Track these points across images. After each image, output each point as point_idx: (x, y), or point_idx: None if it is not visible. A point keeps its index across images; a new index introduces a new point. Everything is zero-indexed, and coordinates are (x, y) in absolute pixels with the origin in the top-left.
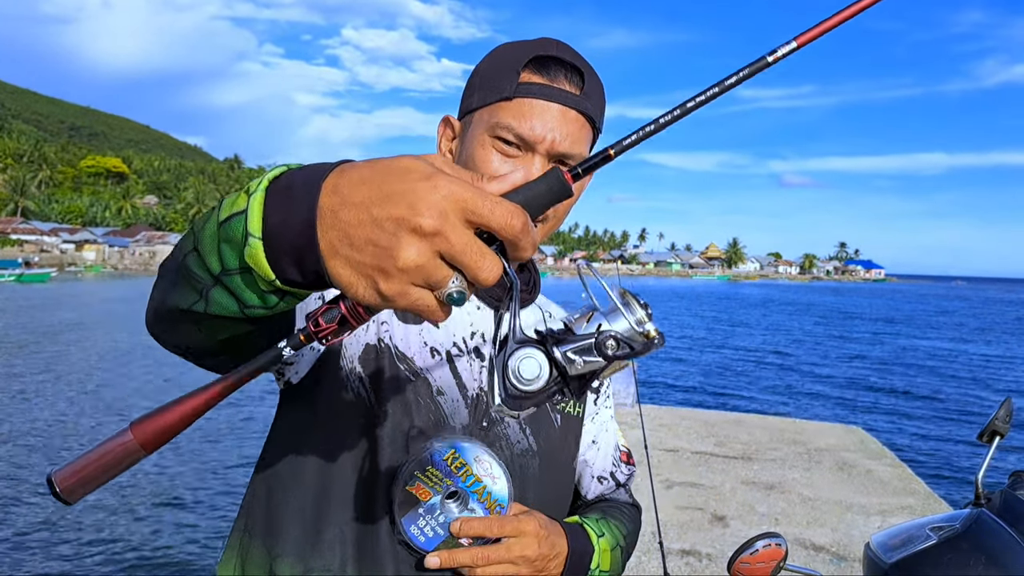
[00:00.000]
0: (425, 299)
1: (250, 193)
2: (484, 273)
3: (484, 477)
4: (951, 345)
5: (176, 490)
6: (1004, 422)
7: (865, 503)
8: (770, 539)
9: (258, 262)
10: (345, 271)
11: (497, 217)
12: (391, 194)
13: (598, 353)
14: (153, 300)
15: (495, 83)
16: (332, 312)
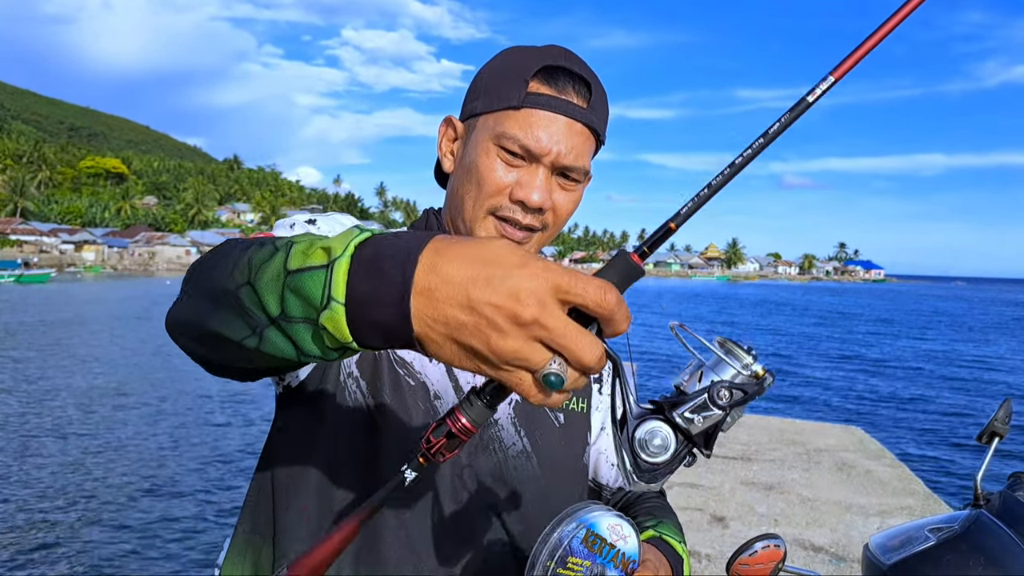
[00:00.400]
0: (525, 380)
1: (332, 254)
2: (585, 353)
3: (617, 542)
4: (950, 346)
5: (173, 486)
6: (1003, 423)
7: (864, 503)
8: (769, 540)
9: (338, 326)
10: (446, 348)
11: (591, 294)
12: (491, 278)
13: (714, 406)
14: (184, 313)
15: (502, 90)
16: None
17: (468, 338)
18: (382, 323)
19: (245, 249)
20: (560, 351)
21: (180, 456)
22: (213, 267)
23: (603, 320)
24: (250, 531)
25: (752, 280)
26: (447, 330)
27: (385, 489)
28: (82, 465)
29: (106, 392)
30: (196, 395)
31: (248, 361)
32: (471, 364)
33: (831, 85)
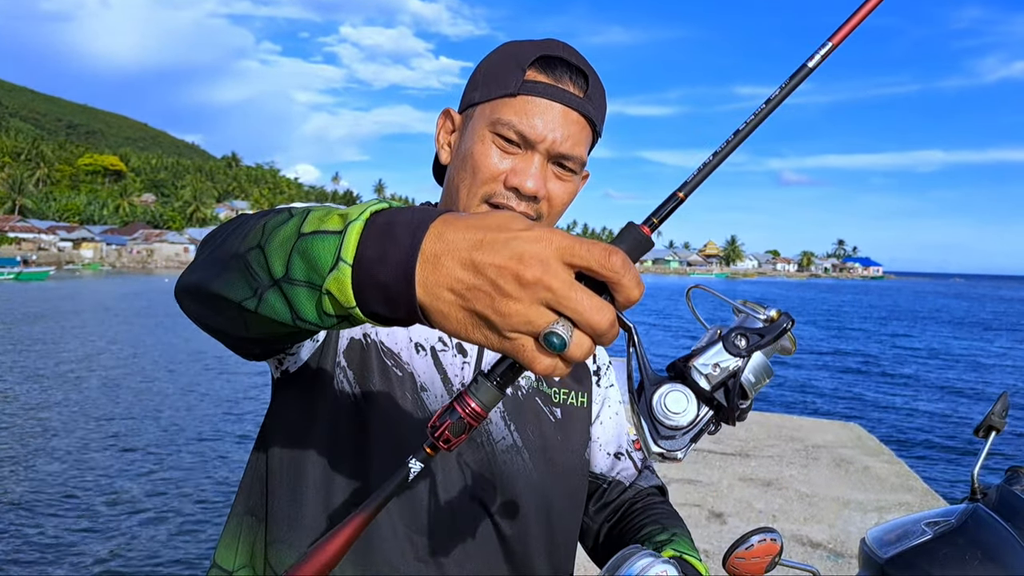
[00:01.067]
0: (528, 346)
1: (347, 219)
2: (592, 314)
3: None
4: (948, 341)
5: (166, 477)
6: (1000, 417)
7: (862, 499)
8: (765, 534)
9: (343, 288)
10: (451, 317)
11: (596, 255)
12: (494, 242)
13: (730, 353)
14: (193, 276)
15: (499, 79)
16: (456, 425)
17: (473, 302)
18: (386, 284)
19: (262, 217)
20: (566, 313)
21: (179, 448)
22: (229, 235)
23: (611, 284)
24: (243, 513)
25: (751, 277)
26: (453, 296)
27: (391, 482)
28: (80, 459)
29: (110, 385)
30: (197, 390)
31: (244, 327)
32: (477, 333)
33: (830, 51)
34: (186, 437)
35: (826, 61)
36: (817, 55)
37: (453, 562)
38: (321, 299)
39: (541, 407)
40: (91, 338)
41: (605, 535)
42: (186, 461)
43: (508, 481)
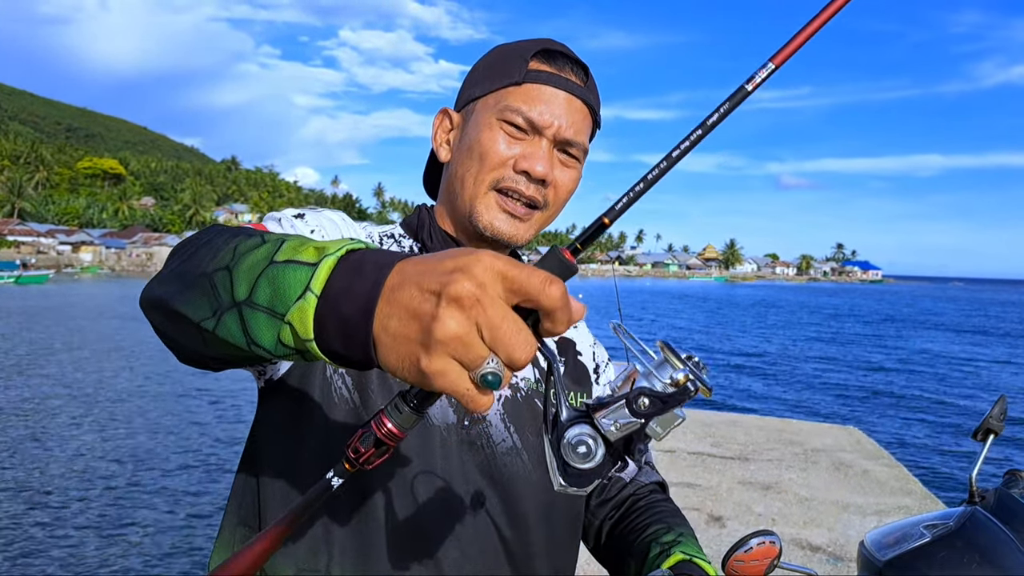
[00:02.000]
0: (463, 381)
1: (323, 252)
2: (518, 351)
3: None
4: (946, 345)
5: (158, 483)
6: (998, 420)
7: (862, 503)
8: (764, 537)
9: (304, 317)
10: (393, 350)
11: (535, 283)
12: (438, 268)
13: (632, 414)
14: (158, 291)
15: (503, 71)
16: (367, 438)
17: (413, 327)
18: (346, 318)
19: (233, 237)
20: (494, 345)
21: (172, 456)
22: (198, 250)
23: (545, 313)
24: (236, 524)
25: (750, 281)
26: (397, 324)
27: (308, 496)
28: (72, 465)
29: (105, 390)
30: (190, 396)
31: (203, 345)
32: (409, 361)
33: (771, 72)
34: (179, 444)
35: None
36: (757, 77)
37: (453, 564)
38: (281, 328)
39: (535, 407)
40: (88, 342)
41: (607, 533)
42: (182, 468)
43: (508, 483)
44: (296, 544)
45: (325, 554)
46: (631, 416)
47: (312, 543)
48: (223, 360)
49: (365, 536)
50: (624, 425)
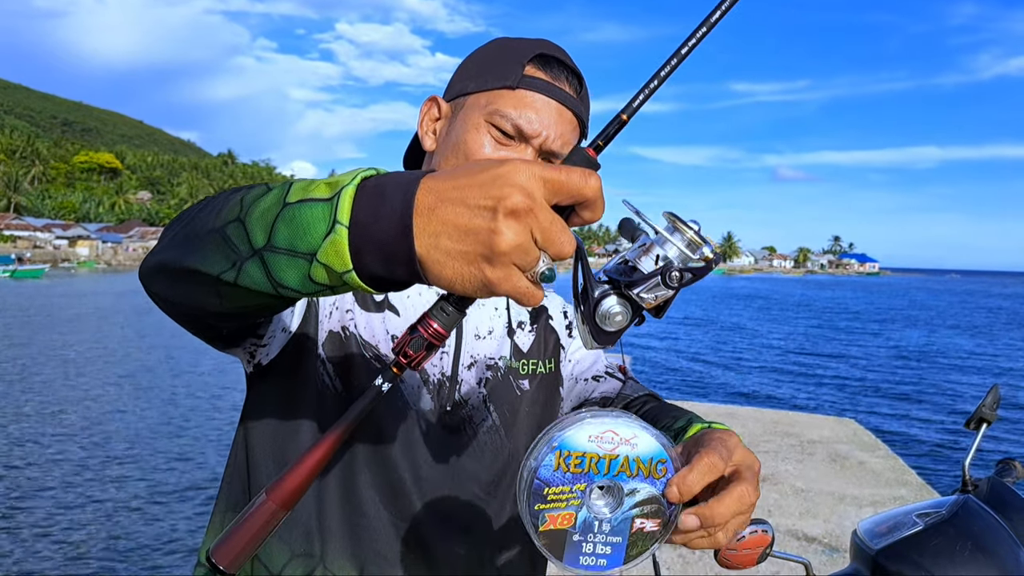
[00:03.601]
0: (523, 281)
1: (336, 186)
2: (566, 247)
3: (618, 450)
4: (942, 337)
5: (150, 475)
6: (991, 409)
7: (858, 494)
8: (756, 526)
9: (339, 249)
10: (448, 266)
11: (575, 180)
12: (481, 182)
13: (666, 287)
14: (164, 255)
15: (498, 71)
16: (416, 340)
17: (471, 242)
18: (383, 241)
19: (233, 193)
20: (545, 245)
21: (166, 442)
22: (198, 213)
23: (586, 204)
24: (226, 509)
25: (747, 273)
26: (450, 242)
27: (361, 401)
28: (64, 453)
29: (98, 384)
30: (187, 389)
31: (217, 300)
32: (473, 280)
33: None
34: (172, 430)
35: None
36: None
37: (440, 545)
38: (312, 267)
39: (512, 383)
40: (85, 334)
41: None
42: (176, 455)
43: (489, 459)
44: (290, 530)
45: (318, 539)
46: (666, 288)
47: (306, 529)
48: (238, 315)
49: (355, 521)
50: (660, 296)
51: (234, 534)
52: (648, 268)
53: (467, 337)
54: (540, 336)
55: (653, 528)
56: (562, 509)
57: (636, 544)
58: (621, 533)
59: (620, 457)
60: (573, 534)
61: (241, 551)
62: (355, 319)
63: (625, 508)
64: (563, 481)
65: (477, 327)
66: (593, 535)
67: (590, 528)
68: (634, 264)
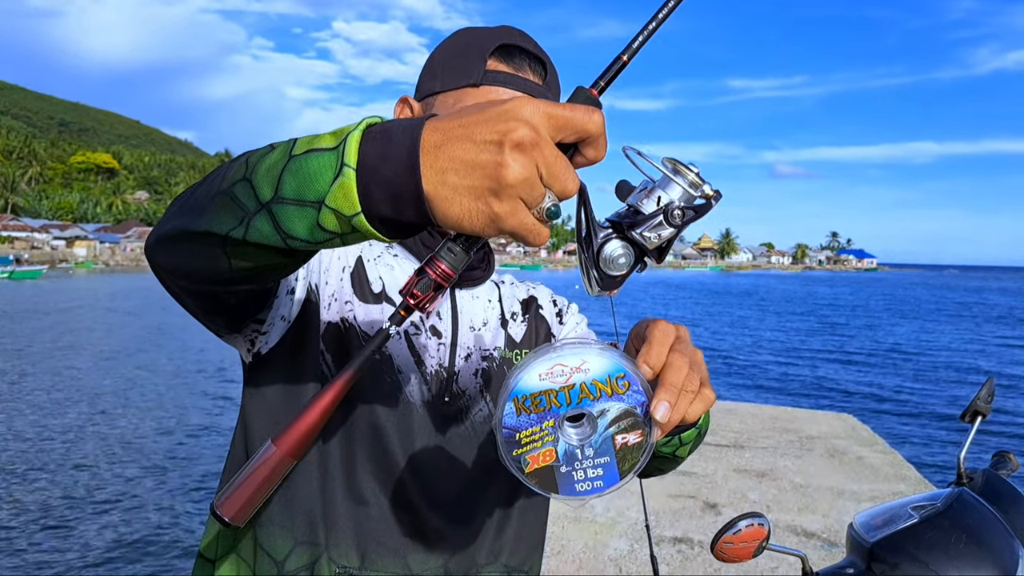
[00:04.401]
0: (529, 217)
1: (341, 135)
2: (570, 183)
3: (572, 378)
4: (938, 330)
5: (147, 468)
6: (986, 402)
7: (856, 489)
8: (752, 519)
9: (347, 192)
10: (455, 202)
11: (579, 116)
12: (487, 119)
13: (669, 225)
14: (169, 224)
15: (461, 68)
16: (424, 281)
17: (478, 177)
18: (391, 179)
19: (237, 159)
20: (550, 181)
21: (160, 444)
22: (204, 182)
23: (589, 141)
24: None
25: (745, 270)
26: (457, 177)
27: (369, 345)
28: (66, 449)
29: (92, 382)
30: (183, 377)
31: (228, 265)
32: (479, 210)
33: None
34: (171, 423)
35: None
36: None
37: (439, 531)
38: (320, 214)
39: (507, 373)
40: (85, 333)
41: None
42: (176, 450)
43: (485, 448)
44: (293, 519)
45: (322, 528)
46: (668, 227)
47: (309, 518)
48: (247, 277)
49: (356, 510)
50: (663, 236)
51: (240, 485)
52: (650, 209)
53: (463, 329)
54: (532, 326)
55: (637, 440)
56: (539, 448)
57: (626, 459)
58: (607, 453)
59: (576, 385)
60: (559, 467)
61: (247, 502)
62: (354, 310)
63: (601, 429)
64: (530, 423)
65: (472, 319)
66: (579, 462)
67: (574, 457)
68: (636, 208)
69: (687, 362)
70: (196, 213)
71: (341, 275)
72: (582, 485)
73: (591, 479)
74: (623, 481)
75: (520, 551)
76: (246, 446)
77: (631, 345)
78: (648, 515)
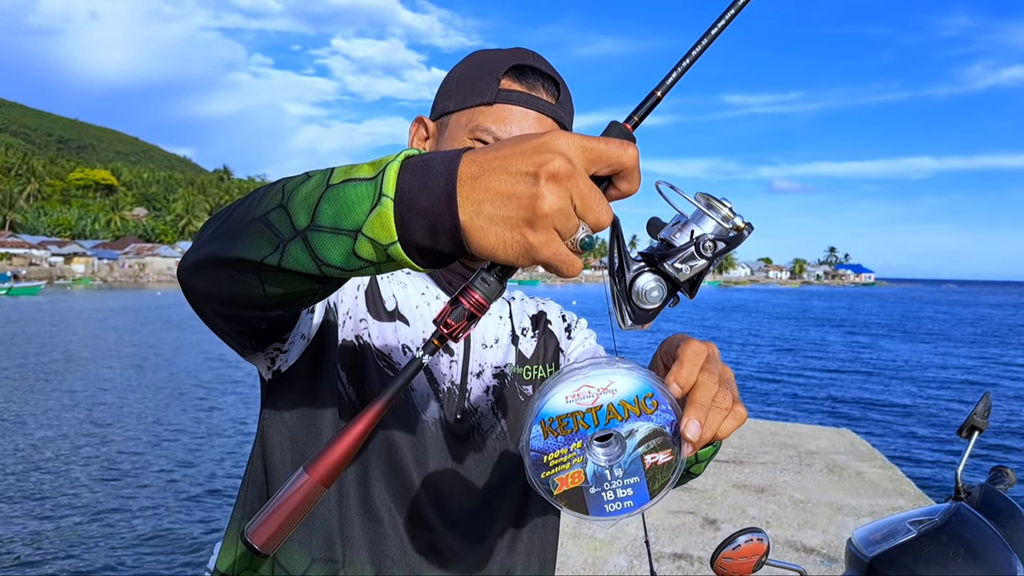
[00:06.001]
0: (563, 248)
1: (380, 165)
2: (604, 215)
3: (599, 400)
4: (937, 347)
5: (164, 482)
6: (982, 417)
7: (855, 505)
8: (752, 534)
9: (385, 221)
10: (491, 232)
11: (614, 149)
12: (523, 151)
13: (700, 256)
14: (204, 250)
15: (475, 88)
16: (458, 311)
17: (513, 207)
18: (428, 209)
19: (273, 185)
20: (583, 213)
21: (167, 457)
22: (237, 207)
23: (623, 174)
24: (241, 517)
25: (743, 285)
26: (492, 208)
27: (401, 375)
28: (70, 463)
29: (99, 395)
30: (192, 398)
31: (262, 291)
32: (514, 240)
33: None
34: (185, 438)
35: None
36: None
37: (452, 548)
38: (357, 242)
39: (517, 390)
40: (87, 347)
41: None
42: (182, 461)
43: (497, 465)
44: (309, 536)
45: (340, 545)
46: (700, 258)
47: (327, 534)
48: (281, 304)
49: (372, 527)
50: (695, 267)
51: (271, 514)
52: (682, 242)
53: (475, 346)
54: (541, 342)
55: (667, 459)
56: (567, 470)
57: (656, 478)
58: (636, 473)
59: (604, 406)
60: (588, 488)
61: (278, 530)
62: (368, 328)
63: (630, 449)
64: (557, 445)
65: (484, 336)
66: (609, 483)
67: (603, 478)
68: (669, 241)
69: (716, 380)
70: (230, 239)
71: (356, 293)
72: (612, 505)
73: (621, 499)
74: (653, 501)
75: (532, 567)
76: (264, 461)
77: (659, 361)
78: (647, 531)
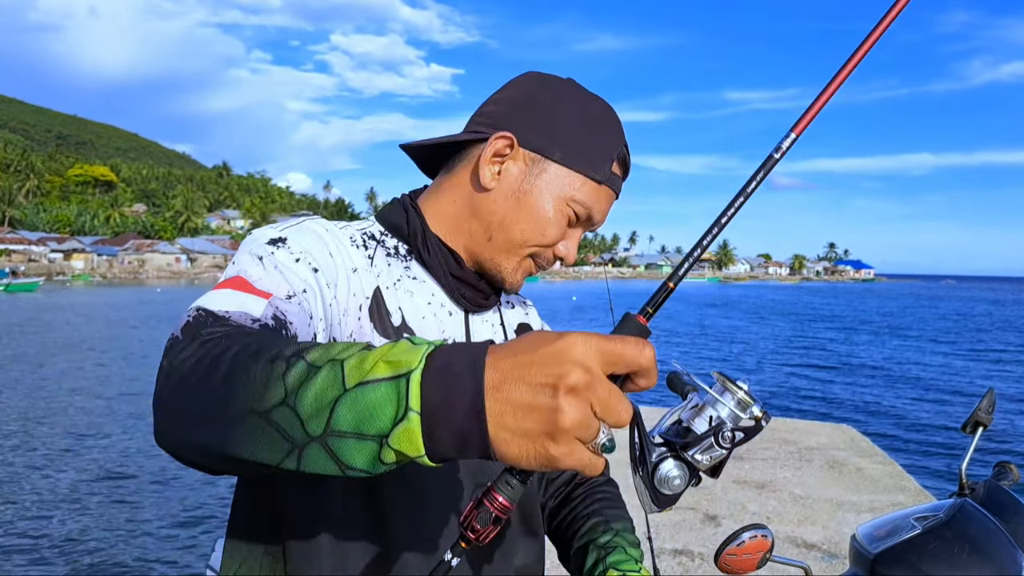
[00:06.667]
0: (586, 454)
1: (398, 366)
2: (624, 415)
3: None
4: (938, 342)
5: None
6: (987, 412)
7: (856, 500)
8: (756, 530)
9: (412, 436)
10: (513, 443)
11: (631, 352)
12: (540, 360)
13: (719, 447)
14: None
15: (588, 155)
16: (483, 515)
17: (534, 421)
18: (457, 426)
19: (264, 362)
20: (604, 416)
21: (158, 455)
22: (221, 381)
23: (640, 373)
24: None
25: (743, 281)
26: (514, 420)
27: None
28: (60, 464)
29: (94, 394)
30: None
31: (270, 475)
32: (536, 451)
33: (793, 142)
34: None
35: None
36: (782, 147)
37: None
38: (383, 450)
39: None
40: (82, 348)
41: (548, 518)
42: (178, 483)
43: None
44: (319, 553)
45: (350, 562)
46: (720, 449)
47: (337, 552)
48: None
49: (381, 546)
50: (715, 457)
51: None
52: (701, 429)
53: None
54: None
55: None
56: None
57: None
58: None
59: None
60: None
61: None
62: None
63: None
64: None
65: None
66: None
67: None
68: (688, 425)
69: None
70: (226, 430)
71: (359, 314)
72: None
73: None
74: None
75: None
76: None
77: None
78: (649, 527)
